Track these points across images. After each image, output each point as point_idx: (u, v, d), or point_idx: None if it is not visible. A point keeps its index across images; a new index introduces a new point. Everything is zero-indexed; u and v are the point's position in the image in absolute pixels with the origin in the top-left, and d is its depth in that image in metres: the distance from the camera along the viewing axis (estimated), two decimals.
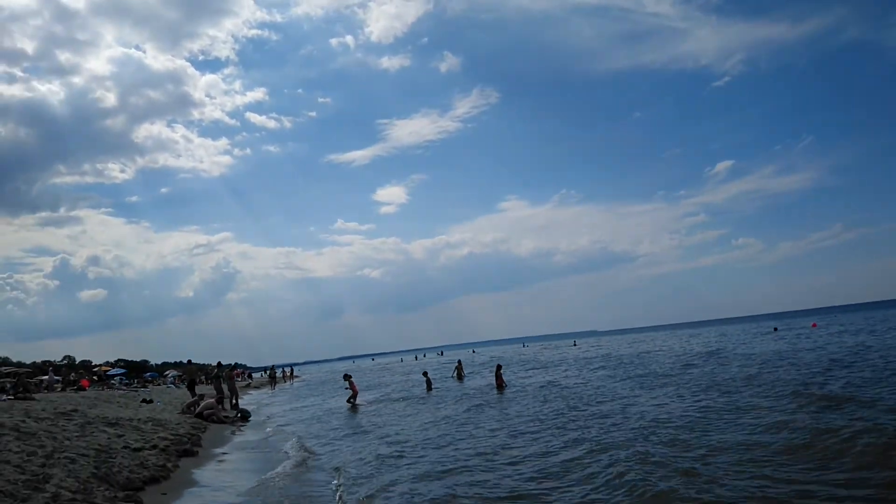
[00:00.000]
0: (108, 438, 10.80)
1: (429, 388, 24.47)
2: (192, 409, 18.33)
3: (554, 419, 12.92)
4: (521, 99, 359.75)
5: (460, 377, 29.72)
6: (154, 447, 10.59)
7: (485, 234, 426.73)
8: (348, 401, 21.66)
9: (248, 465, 10.55)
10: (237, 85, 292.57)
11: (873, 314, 75.21)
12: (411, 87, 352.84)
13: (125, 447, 10.16)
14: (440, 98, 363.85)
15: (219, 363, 23.43)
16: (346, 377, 23.00)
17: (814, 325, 54.02)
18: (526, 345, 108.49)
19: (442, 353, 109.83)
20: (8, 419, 10.88)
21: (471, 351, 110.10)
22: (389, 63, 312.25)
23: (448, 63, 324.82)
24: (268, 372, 52.62)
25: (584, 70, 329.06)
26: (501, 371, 23.46)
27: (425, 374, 26.16)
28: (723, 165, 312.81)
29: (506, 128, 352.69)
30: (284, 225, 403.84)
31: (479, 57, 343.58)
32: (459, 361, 32.37)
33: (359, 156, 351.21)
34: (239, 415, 19.37)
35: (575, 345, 73.06)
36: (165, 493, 7.51)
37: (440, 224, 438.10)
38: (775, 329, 58.49)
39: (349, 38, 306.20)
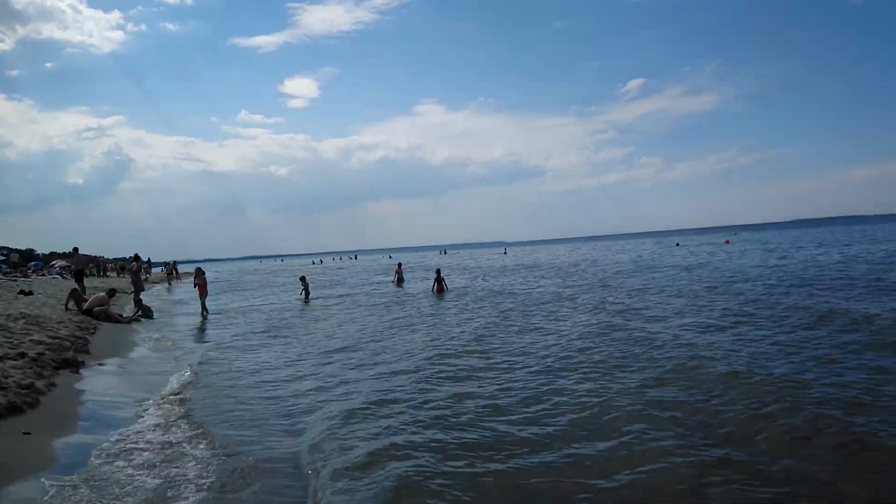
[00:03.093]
0: None
1: (306, 298, 21.38)
2: (80, 304, 15.23)
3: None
4: None
5: (400, 282, 27.71)
6: (22, 356, 7.82)
7: (400, 138, 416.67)
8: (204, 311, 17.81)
9: (150, 380, 8.13)
10: None
11: (768, 234, 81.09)
12: None
13: None
14: None
15: (136, 255, 19.70)
16: (198, 271, 19.18)
17: (727, 242, 56.87)
18: (445, 252, 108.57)
19: (356, 258, 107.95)
20: None
21: (387, 256, 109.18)
22: None
23: None
24: (167, 267, 47.96)
25: None
26: (442, 275, 22.77)
27: (303, 279, 22.87)
28: (634, 83, 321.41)
29: (426, 25, 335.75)
30: (183, 112, 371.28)
31: None
32: (400, 265, 30.25)
33: (266, 41, 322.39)
34: (140, 312, 16.47)
35: (505, 253, 74.16)
36: (29, 433, 4.97)
37: (353, 123, 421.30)
38: (677, 244, 61.80)
39: None
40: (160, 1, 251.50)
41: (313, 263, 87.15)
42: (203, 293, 18.03)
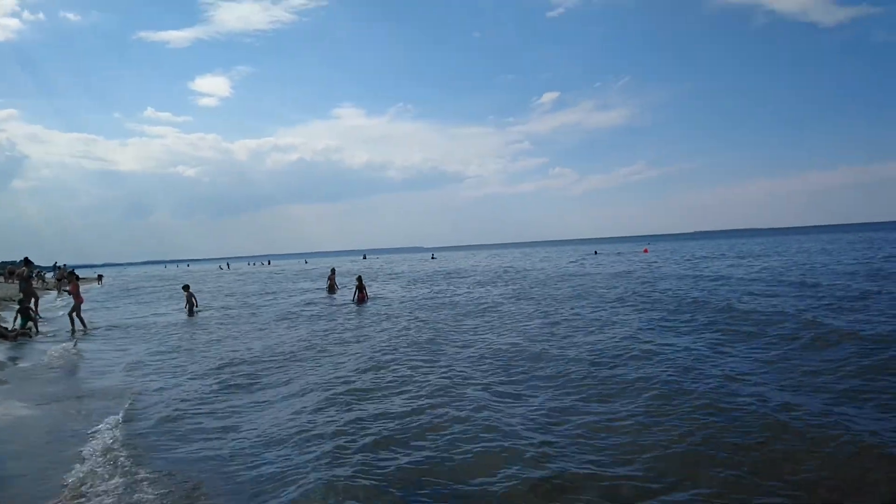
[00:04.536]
0: None
1: (190, 311, 19.21)
2: None
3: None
4: None
5: (332, 290, 24.58)
6: None
7: (317, 140, 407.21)
8: (71, 314, 15.43)
9: (41, 412, 7.01)
10: None
11: (679, 245, 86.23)
12: None
13: None
14: None
15: (26, 259, 17.19)
16: (71, 276, 16.78)
17: (645, 251, 59.17)
18: (365, 257, 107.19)
19: (269, 263, 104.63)
20: None
21: (303, 261, 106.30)
22: None
23: None
24: (57, 272, 43.22)
25: None
26: (364, 282, 21.35)
27: (186, 288, 20.33)
28: (549, 96, 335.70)
29: (346, 28, 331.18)
30: (84, 107, 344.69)
31: None
32: (333, 270, 26.89)
33: (176, 36, 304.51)
34: (29, 325, 14.63)
35: (433, 258, 74.30)
36: None
37: (268, 124, 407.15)
38: (595, 252, 64.30)
39: None
40: None
41: (220, 269, 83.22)
42: (78, 301, 15.36)
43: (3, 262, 57.97)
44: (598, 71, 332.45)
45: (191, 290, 19.99)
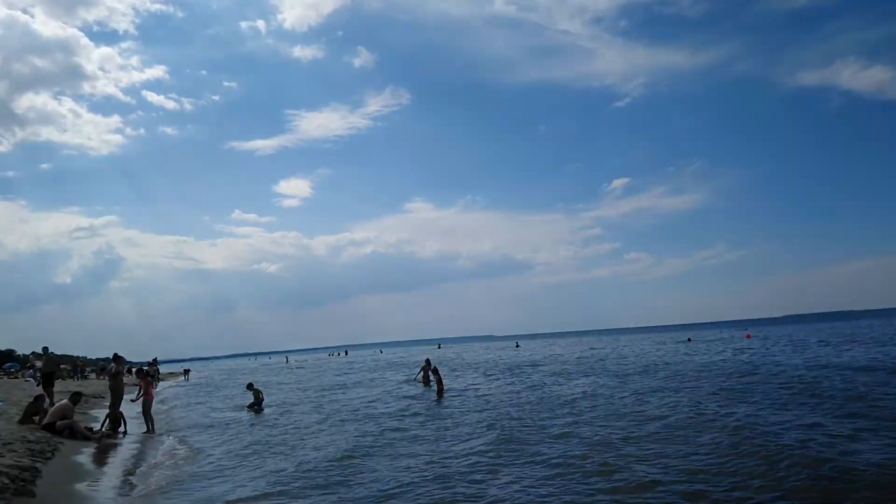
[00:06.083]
0: None
1: (257, 405, 18.16)
2: (41, 416, 12.64)
3: None
4: (432, 102, 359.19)
5: (427, 381, 22.43)
6: None
7: (390, 233, 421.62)
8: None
9: None
10: (135, 60, 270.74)
11: (773, 329, 79.20)
12: (323, 80, 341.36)
13: None
14: (352, 94, 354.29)
15: (115, 356, 15.91)
16: (139, 373, 15.47)
17: (748, 336, 54.58)
18: (440, 346, 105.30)
19: (346, 353, 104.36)
20: None
21: (378, 350, 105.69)
22: (301, 53, 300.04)
23: (362, 59, 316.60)
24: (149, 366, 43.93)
25: (496, 80, 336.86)
26: (440, 373, 21.03)
27: (250, 386, 19.55)
28: (619, 182, 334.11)
29: (416, 129, 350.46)
30: (177, 212, 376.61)
31: (394, 56, 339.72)
32: (428, 361, 24.19)
33: (262, 145, 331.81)
34: (114, 425, 13.73)
35: (518, 347, 71.20)
36: None
37: (344, 221, 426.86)
38: (689, 340, 59.52)
39: (260, 23, 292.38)
40: (160, 106, 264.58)
41: (286, 361, 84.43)
42: (148, 399, 14.27)
43: (98, 358, 60.54)
44: (670, 156, 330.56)
45: (256, 387, 19.36)
